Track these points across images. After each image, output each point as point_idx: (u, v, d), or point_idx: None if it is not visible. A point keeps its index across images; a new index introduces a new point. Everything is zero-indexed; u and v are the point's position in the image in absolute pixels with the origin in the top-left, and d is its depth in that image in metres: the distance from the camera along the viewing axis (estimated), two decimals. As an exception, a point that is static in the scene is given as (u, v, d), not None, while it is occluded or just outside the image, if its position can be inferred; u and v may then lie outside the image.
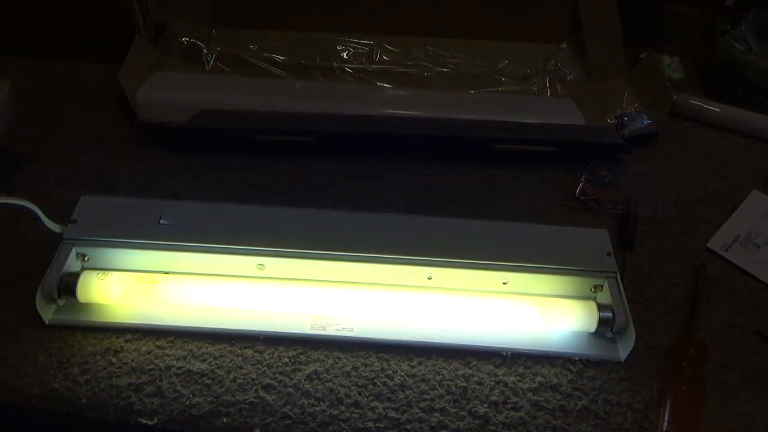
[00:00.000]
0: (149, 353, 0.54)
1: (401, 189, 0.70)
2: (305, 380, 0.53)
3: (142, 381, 0.52)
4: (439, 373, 0.54)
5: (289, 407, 0.51)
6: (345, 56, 0.81)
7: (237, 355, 0.54)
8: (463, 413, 0.51)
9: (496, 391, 0.53)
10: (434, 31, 0.84)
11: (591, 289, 0.58)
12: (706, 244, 0.66)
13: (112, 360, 0.53)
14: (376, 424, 0.50)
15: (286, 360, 0.54)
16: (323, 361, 0.54)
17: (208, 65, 0.80)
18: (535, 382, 0.54)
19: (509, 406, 0.52)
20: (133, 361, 0.53)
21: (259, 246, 0.56)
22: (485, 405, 0.52)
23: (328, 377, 0.53)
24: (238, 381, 0.52)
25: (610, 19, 0.82)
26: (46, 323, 0.55)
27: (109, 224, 0.57)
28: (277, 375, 0.53)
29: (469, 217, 0.67)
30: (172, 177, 0.69)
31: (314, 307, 0.56)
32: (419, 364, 0.54)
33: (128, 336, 0.55)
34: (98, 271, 0.55)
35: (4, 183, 0.67)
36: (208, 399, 0.51)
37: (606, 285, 0.57)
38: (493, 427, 0.51)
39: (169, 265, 0.56)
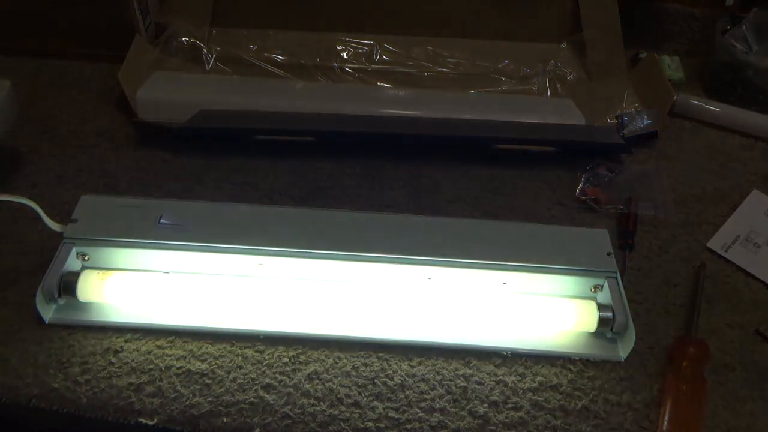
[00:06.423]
0: (149, 353, 0.54)
1: (401, 189, 0.70)
2: (305, 380, 0.53)
3: (142, 381, 0.52)
4: (439, 373, 0.54)
5: (289, 407, 0.51)
6: (345, 56, 0.81)
7: (237, 355, 0.54)
8: (463, 413, 0.51)
9: (496, 391, 0.53)
10: (434, 31, 0.84)
11: (591, 289, 0.58)
12: (706, 244, 0.66)
13: (112, 360, 0.53)
14: (376, 424, 0.50)
15: (286, 360, 0.54)
16: (323, 361, 0.54)
17: (208, 65, 0.80)
18: (535, 382, 0.54)
19: (509, 406, 0.52)
20: (133, 361, 0.53)
21: (259, 246, 0.56)
22: (485, 405, 0.52)
23: (328, 377, 0.53)
24: (238, 381, 0.52)
25: (610, 19, 0.82)
26: (47, 323, 0.55)
27: (109, 224, 0.57)
28: (277, 375, 0.53)
29: (469, 217, 0.67)
30: (172, 177, 0.69)
31: (314, 306, 0.56)
32: (419, 364, 0.54)
33: (128, 336, 0.55)
34: (98, 271, 0.56)
35: (4, 183, 0.67)
36: (208, 399, 0.51)
37: (606, 285, 0.57)
38: (493, 427, 0.51)
39: (169, 264, 0.56)
